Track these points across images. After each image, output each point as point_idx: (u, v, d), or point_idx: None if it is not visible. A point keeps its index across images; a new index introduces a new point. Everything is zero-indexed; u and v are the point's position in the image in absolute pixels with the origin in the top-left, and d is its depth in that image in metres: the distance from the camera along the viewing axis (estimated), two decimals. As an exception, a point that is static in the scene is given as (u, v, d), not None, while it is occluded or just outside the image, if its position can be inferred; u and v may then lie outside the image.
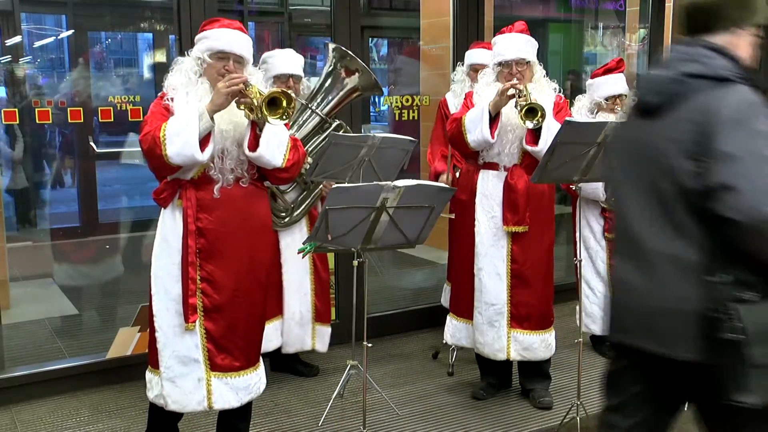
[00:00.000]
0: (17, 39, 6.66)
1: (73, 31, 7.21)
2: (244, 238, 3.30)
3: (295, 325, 4.49)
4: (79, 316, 5.76)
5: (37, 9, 7.46)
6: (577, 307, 4.40)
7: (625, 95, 4.82)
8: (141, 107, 5.40)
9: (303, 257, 4.34)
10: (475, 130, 4.00)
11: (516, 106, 3.92)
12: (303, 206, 4.42)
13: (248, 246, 3.31)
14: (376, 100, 10.13)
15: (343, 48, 4.43)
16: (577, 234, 4.92)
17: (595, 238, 4.96)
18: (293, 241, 4.42)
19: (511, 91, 3.88)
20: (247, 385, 3.37)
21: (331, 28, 5.07)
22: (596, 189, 4.73)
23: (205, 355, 3.29)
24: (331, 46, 4.44)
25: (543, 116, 3.81)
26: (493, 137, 3.99)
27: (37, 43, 7.35)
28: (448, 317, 4.44)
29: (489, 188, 4.15)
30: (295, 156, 3.30)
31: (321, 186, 4.40)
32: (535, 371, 4.34)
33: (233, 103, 3.16)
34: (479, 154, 4.17)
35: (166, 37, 7.91)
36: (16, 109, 5.46)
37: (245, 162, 3.26)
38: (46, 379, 4.44)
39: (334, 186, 3.12)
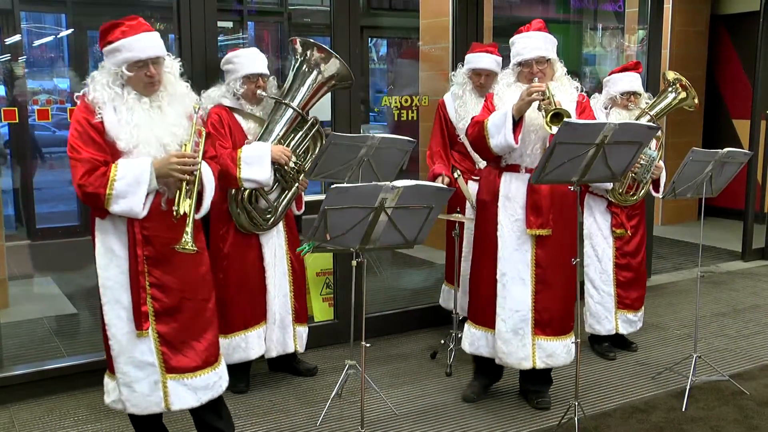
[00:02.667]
0: (17, 38, 6.66)
1: (72, 30, 7.21)
2: None
3: (277, 329, 4.45)
4: (77, 315, 5.76)
5: (37, 8, 7.46)
6: (576, 308, 4.40)
7: (640, 94, 4.86)
8: (73, 125, 5.39)
9: (302, 256, 4.34)
10: (498, 134, 3.88)
11: (539, 109, 3.85)
12: (283, 205, 4.34)
13: None
14: (375, 100, 10.14)
15: (311, 40, 4.35)
16: (584, 230, 4.95)
17: (602, 235, 4.96)
18: (273, 244, 4.39)
19: (536, 96, 3.80)
20: (205, 385, 3.39)
21: (331, 28, 5.07)
22: None
23: (159, 359, 3.32)
24: (298, 39, 4.36)
25: None
26: (516, 142, 3.88)
27: (37, 42, 7.35)
28: (465, 325, 4.29)
29: (512, 190, 4.03)
30: (217, 192, 3.39)
31: (297, 185, 4.34)
32: (540, 375, 4.28)
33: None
34: (502, 157, 4.05)
35: (165, 36, 7.89)
36: (16, 108, 5.46)
37: None
38: (44, 378, 4.44)
39: (333, 186, 3.12)
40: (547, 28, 4.08)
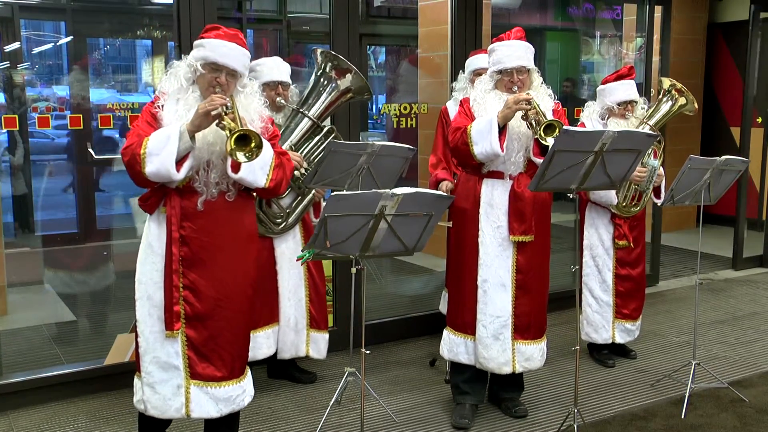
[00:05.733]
0: (16, 45, 6.68)
1: (71, 37, 7.23)
2: (229, 248, 3.30)
3: (290, 331, 4.50)
4: (77, 323, 5.76)
5: (36, 15, 7.48)
6: (578, 316, 4.40)
7: (636, 101, 4.84)
8: (139, 114, 5.40)
9: (302, 264, 4.35)
10: (483, 142, 3.87)
11: (524, 118, 3.87)
12: (297, 212, 4.43)
13: (233, 256, 3.31)
14: (374, 107, 10.17)
15: (332, 52, 4.46)
16: (584, 241, 4.95)
17: (603, 246, 4.96)
18: (287, 248, 4.44)
19: (524, 105, 3.80)
20: (228, 397, 3.35)
21: (330, 36, 5.09)
22: (608, 194, 4.74)
23: (185, 363, 3.30)
24: (319, 50, 4.46)
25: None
26: (502, 150, 3.86)
27: (36, 50, 7.37)
28: (444, 331, 4.27)
29: (495, 197, 4.03)
30: (278, 174, 3.28)
31: (314, 192, 4.42)
32: (514, 381, 4.28)
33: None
34: (483, 164, 4.03)
35: (164, 43, 7.94)
36: (16, 116, 5.47)
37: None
38: (43, 386, 4.43)
39: (333, 193, 3.13)
40: (525, 37, 4.06)
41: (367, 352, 3.60)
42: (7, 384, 4.36)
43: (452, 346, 4.21)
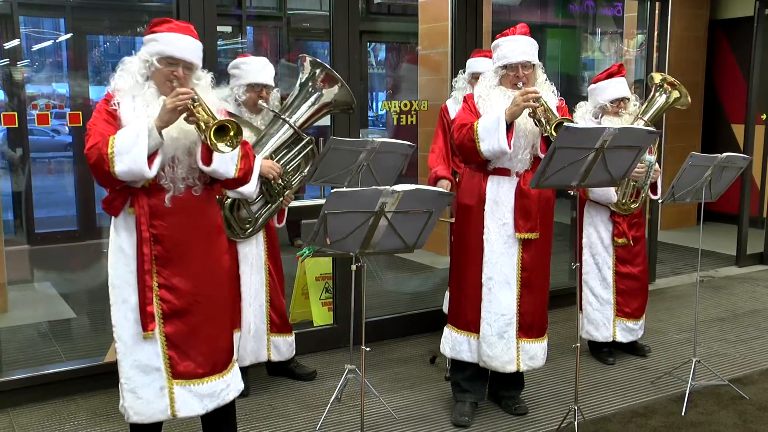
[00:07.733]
0: (15, 42, 6.67)
1: (71, 34, 7.22)
2: (201, 242, 3.28)
3: (250, 339, 4.43)
4: (77, 320, 5.76)
5: (36, 12, 7.47)
6: (578, 313, 4.40)
7: (628, 99, 4.82)
8: (93, 113, 5.40)
9: (301, 261, 4.34)
10: (490, 139, 3.83)
11: (531, 115, 3.84)
12: (263, 217, 4.33)
13: (205, 249, 3.29)
14: (374, 105, 10.17)
15: (320, 61, 4.35)
16: (583, 239, 4.94)
17: (603, 244, 4.94)
18: (250, 252, 4.37)
19: (533, 102, 3.77)
20: (212, 392, 3.33)
21: (330, 33, 5.08)
22: (607, 191, 4.73)
23: (166, 363, 3.26)
24: (309, 58, 4.36)
25: None
26: (510, 147, 3.83)
27: (36, 47, 7.36)
28: (446, 329, 4.24)
29: (500, 195, 4.00)
30: (246, 164, 3.28)
31: (282, 198, 4.32)
32: (515, 379, 4.27)
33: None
34: (488, 161, 3.99)
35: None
36: (15, 113, 5.45)
37: (197, 170, 3.21)
38: (43, 383, 4.42)
39: (333, 190, 3.12)
40: (530, 33, 4.05)
41: (368, 349, 3.60)
42: (7, 381, 4.36)
43: (455, 344, 4.18)
